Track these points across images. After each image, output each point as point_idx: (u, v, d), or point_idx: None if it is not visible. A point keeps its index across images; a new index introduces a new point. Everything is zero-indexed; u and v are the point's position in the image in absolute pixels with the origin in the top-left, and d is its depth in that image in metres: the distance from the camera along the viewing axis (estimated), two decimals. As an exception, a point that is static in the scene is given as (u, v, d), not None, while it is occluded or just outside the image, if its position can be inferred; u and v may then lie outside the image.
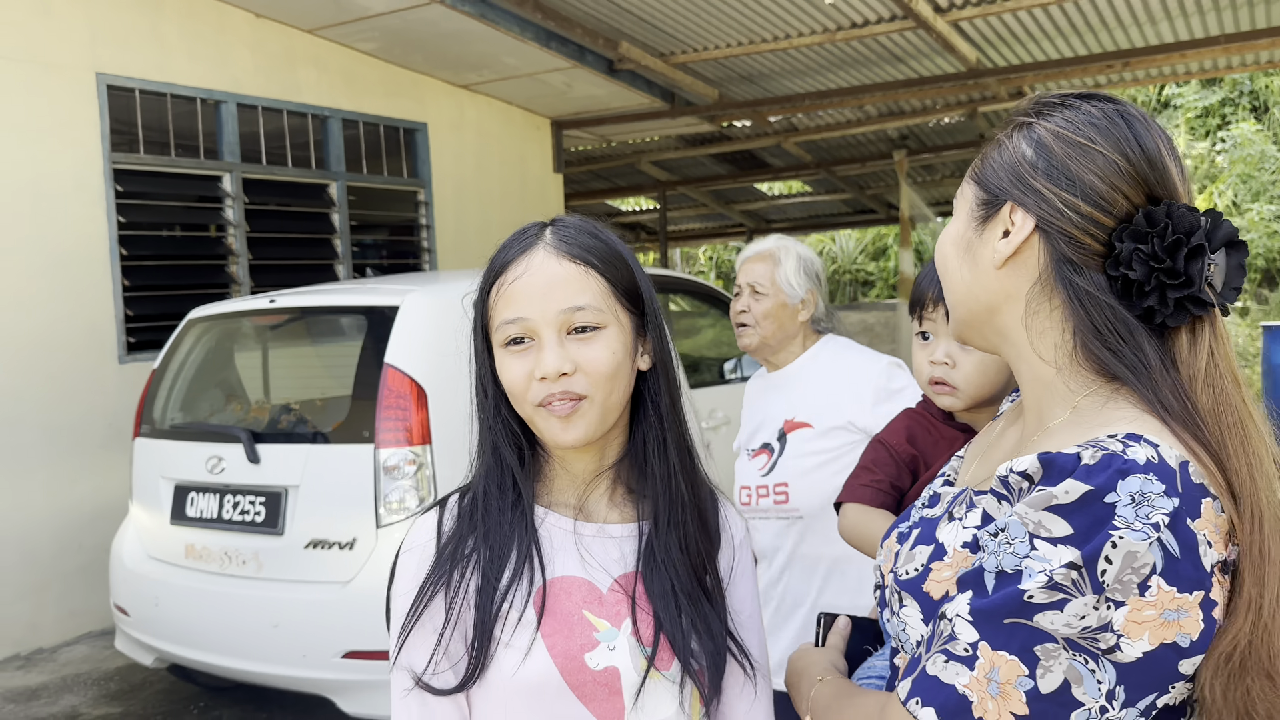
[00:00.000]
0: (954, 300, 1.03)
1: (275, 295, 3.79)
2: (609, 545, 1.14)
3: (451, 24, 6.27)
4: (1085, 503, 0.80)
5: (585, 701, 1.07)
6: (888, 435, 1.72)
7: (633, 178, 12.23)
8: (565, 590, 1.11)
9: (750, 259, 2.37)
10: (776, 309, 2.29)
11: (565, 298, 1.08)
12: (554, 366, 1.06)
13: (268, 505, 3.38)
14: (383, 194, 7.15)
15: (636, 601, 1.11)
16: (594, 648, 1.08)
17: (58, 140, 4.98)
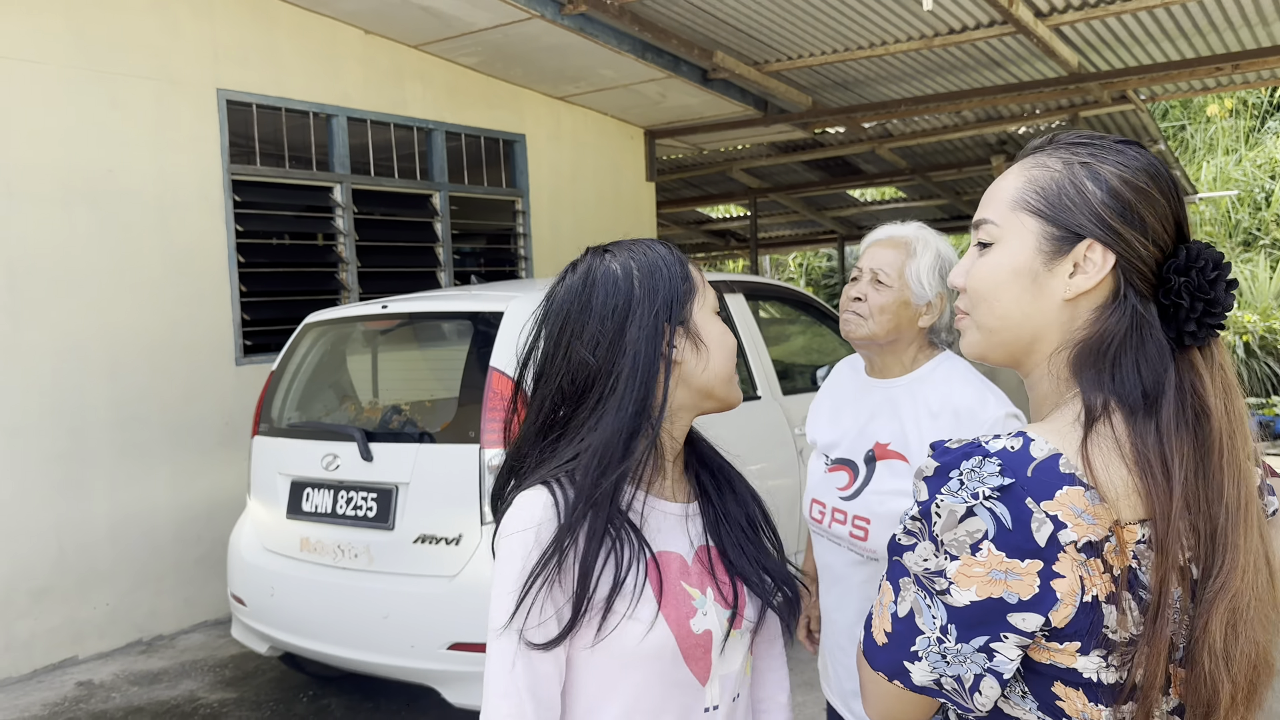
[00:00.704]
0: (1000, 325, 1.09)
1: (388, 301, 3.96)
2: (684, 523, 1.30)
3: (552, 38, 6.43)
4: (935, 475, 0.99)
5: (689, 663, 1.22)
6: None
7: (723, 185, 12.28)
8: (666, 565, 1.24)
9: (880, 242, 2.09)
10: (897, 305, 2.00)
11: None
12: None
13: (379, 501, 3.54)
14: (482, 203, 7.36)
15: (715, 570, 1.28)
16: (694, 615, 1.22)
17: (183, 153, 5.27)
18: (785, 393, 4.66)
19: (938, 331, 2.07)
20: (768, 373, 4.60)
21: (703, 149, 10.28)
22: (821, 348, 5.73)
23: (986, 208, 1.10)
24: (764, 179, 12.05)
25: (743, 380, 4.54)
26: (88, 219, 4.88)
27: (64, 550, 4.76)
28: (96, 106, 4.91)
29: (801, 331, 6.17)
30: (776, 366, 4.81)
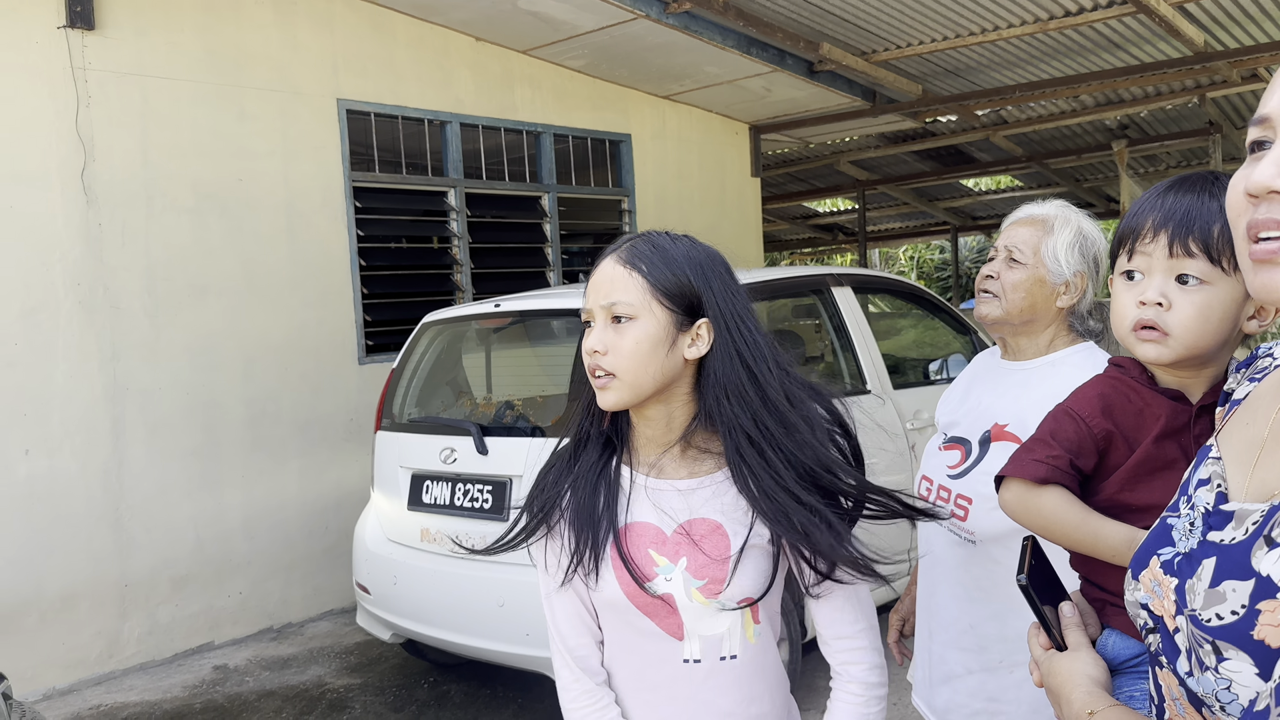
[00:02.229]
0: None
1: (500, 300, 4.08)
2: (675, 497, 1.45)
3: (657, 37, 6.48)
4: None
5: (652, 618, 1.44)
6: (1078, 404, 1.45)
7: (831, 178, 12.14)
8: (638, 532, 1.45)
9: (1017, 222, 2.00)
10: (1031, 283, 1.91)
11: (607, 295, 1.39)
12: (589, 345, 1.40)
13: (494, 493, 3.65)
14: (590, 203, 7.47)
15: (696, 543, 1.42)
16: (653, 579, 1.42)
17: (307, 162, 5.51)
18: (896, 387, 4.60)
19: (1081, 318, 1.96)
20: (877, 367, 4.55)
21: (809, 142, 10.19)
22: (934, 341, 5.63)
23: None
24: (873, 171, 11.87)
25: (851, 375, 4.50)
26: (220, 226, 5.15)
27: (201, 541, 5.04)
28: (226, 119, 5.18)
29: (913, 325, 6.07)
30: (887, 361, 4.75)
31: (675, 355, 1.40)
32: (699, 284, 1.40)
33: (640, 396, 1.40)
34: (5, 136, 4.43)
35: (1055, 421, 1.45)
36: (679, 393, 1.44)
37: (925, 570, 2.08)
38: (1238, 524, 0.82)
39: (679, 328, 1.40)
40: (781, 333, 4.97)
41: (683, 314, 1.40)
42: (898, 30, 6.71)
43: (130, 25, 4.84)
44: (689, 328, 1.40)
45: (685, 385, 1.44)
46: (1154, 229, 1.27)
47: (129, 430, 4.80)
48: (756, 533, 1.41)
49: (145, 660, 4.83)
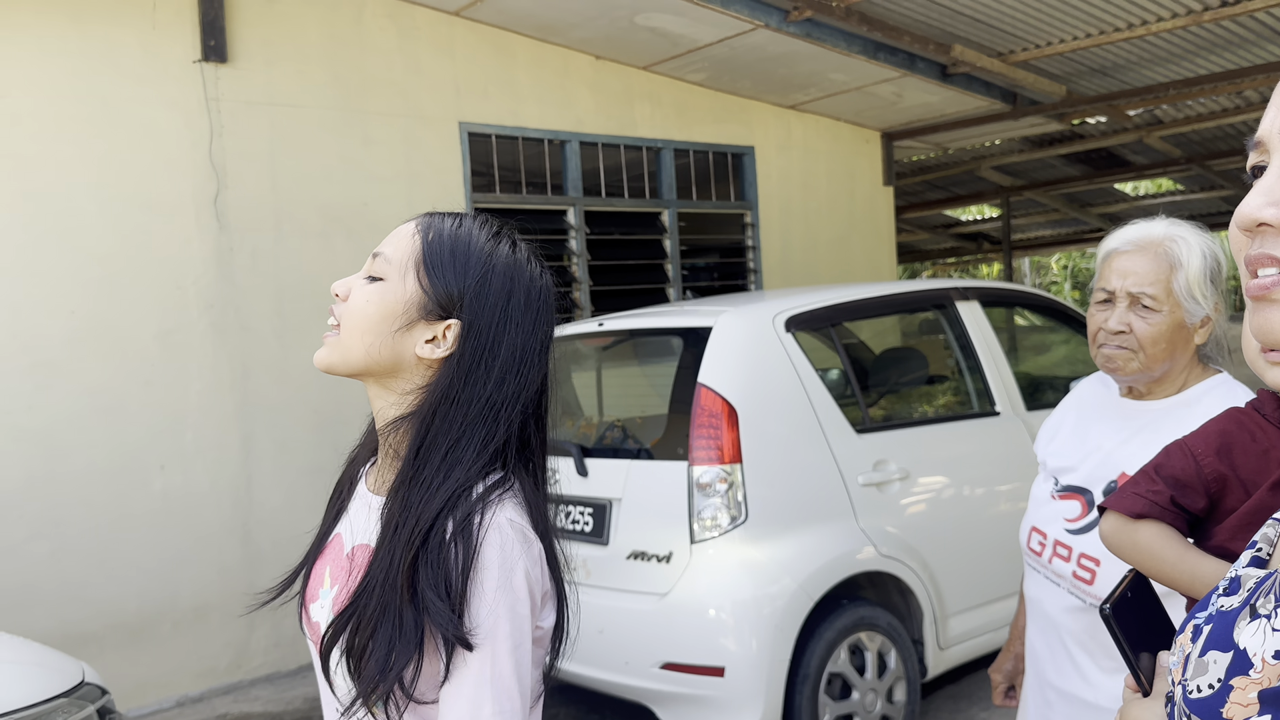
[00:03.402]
0: None
1: (604, 319, 4.02)
2: (361, 510, 1.24)
3: (778, 47, 6.34)
4: None
5: (313, 640, 1.22)
6: (1195, 440, 1.34)
7: (972, 185, 11.66)
8: (332, 545, 1.26)
9: (1129, 251, 1.70)
10: (1170, 330, 1.66)
11: (382, 244, 1.23)
12: (336, 285, 1.22)
13: (594, 516, 3.59)
14: (711, 218, 7.36)
15: (353, 571, 1.18)
16: (315, 600, 1.22)
17: (429, 185, 5.62)
18: (1030, 408, 4.31)
19: (1219, 347, 1.75)
20: (1008, 386, 4.27)
21: (947, 148, 9.80)
22: (1074, 357, 5.28)
23: None
24: (1017, 176, 11.33)
25: (979, 394, 4.24)
26: (345, 249, 5.30)
27: (327, 555, 5.17)
28: (352, 144, 5.33)
29: (1050, 341, 5.71)
30: (1020, 380, 4.46)
31: (404, 342, 1.17)
32: (472, 283, 1.18)
33: (348, 366, 1.19)
34: (145, 167, 4.67)
35: (1166, 455, 1.36)
36: (403, 387, 1.19)
37: (1038, 633, 1.88)
38: (1240, 591, 0.76)
39: (424, 314, 1.18)
40: (903, 350, 4.75)
41: (436, 303, 1.18)
42: (1036, 29, 6.36)
43: (260, 57, 5.04)
44: (435, 321, 1.18)
45: (412, 383, 1.19)
46: None
47: (258, 447, 4.98)
48: None
49: (271, 671, 4.98)
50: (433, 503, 1.10)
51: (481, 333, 1.17)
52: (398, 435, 1.18)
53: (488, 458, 1.15)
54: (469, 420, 1.15)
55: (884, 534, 3.53)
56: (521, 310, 1.21)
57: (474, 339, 1.17)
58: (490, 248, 1.21)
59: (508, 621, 1.08)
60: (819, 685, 3.31)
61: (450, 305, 1.18)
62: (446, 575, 1.06)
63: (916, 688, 3.62)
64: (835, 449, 3.48)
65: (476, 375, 1.16)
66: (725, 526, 3.25)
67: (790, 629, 3.22)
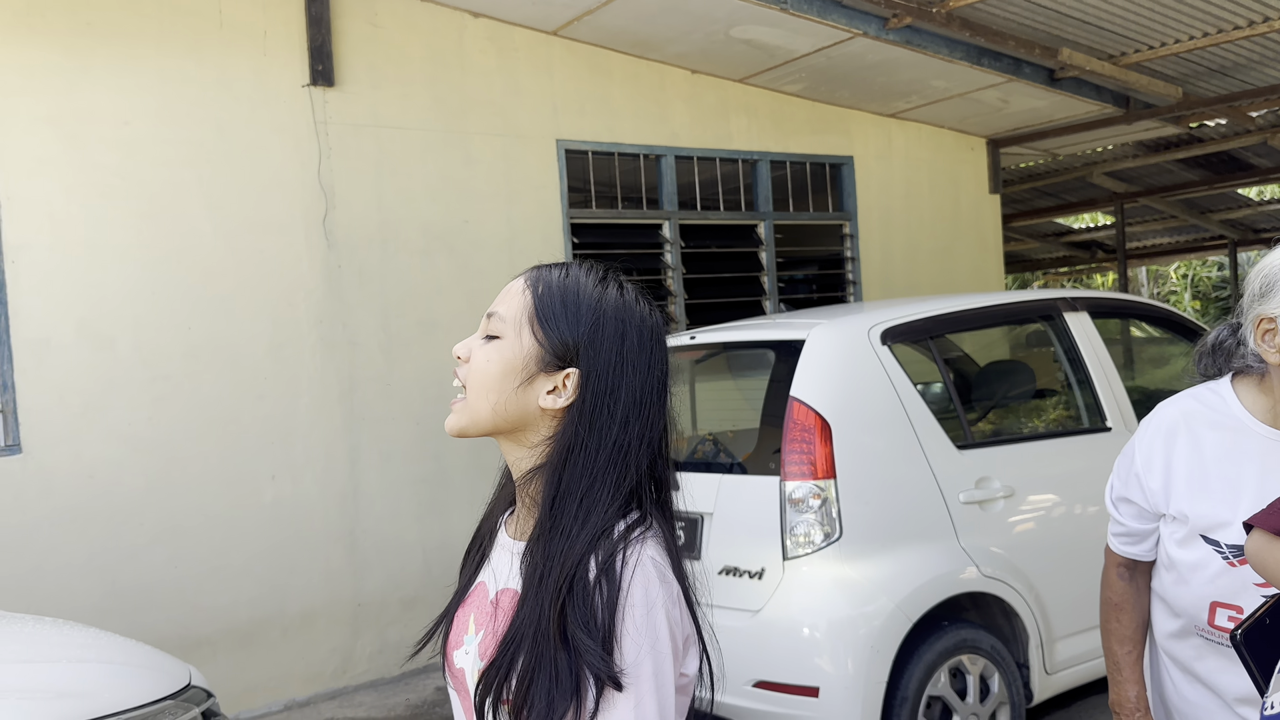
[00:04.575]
0: None
1: (696, 332, 4.01)
2: (503, 557, 1.26)
3: (877, 55, 6.25)
4: None
5: (456, 688, 1.25)
6: None
7: (1084, 192, 11.26)
8: (476, 593, 1.28)
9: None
10: None
11: (496, 303, 1.24)
12: (456, 348, 1.23)
13: (686, 530, 3.57)
14: (809, 229, 7.29)
15: (498, 616, 1.19)
16: (459, 647, 1.24)
17: (527, 202, 5.71)
18: (1141, 422, 4.12)
19: None
20: (1120, 401, 4.10)
21: (1057, 154, 9.50)
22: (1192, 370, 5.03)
23: None
24: (1131, 182, 10.90)
25: (1089, 409, 4.09)
26: (447, 265, 5.42)
27: (429, 564, 5.28)
28: (452, 164, 5.46)
29: (1169, 353, 5.47)
30: (1135, 394, 4.28)
31: (528, 395, 1.20)
32: (586, 331, 1.20)
33: (478, 426, 1.21)
34: (259, 188, 4.87)
35: None
36: (532, 439, 1.22)
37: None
38: None
39: (543, 367, 1.19)
40: (1008, 363, 4.61)
41: (553, 354, 1.19)
42: (1148, 30, 6.11)
43: (366, 80, 5.20)
44: (555, 372, 1.20)
45: (540, 434, 1.21)
46: None
47: (364, 458, 5.12)
48: None
49: (375, 677, 5.11)
50: (575, 548, 1.12)
51: (600, 378, 1.18)
52: (533, 486, 1.19)
53: (622, 499, 1.16)
54: (599, 465, 1.16)
55: (987, 553, 3.42)
56: (636, 351, 1.21)
57: (594, 385, 1.18)
58: (599, 293, 1.22)
59: (651, 661, 1.08)
60: (918, 708, 3.22)
61: (567, 355, 1.19)
62: (594, 615, 1.07)
63: (1021, 713, 3.49)
64: (934, 465, 3.39)
65: (600, 420, 1.17)
66: (819, 543, 3.19)
67: (887, 650, 3.15)
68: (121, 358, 4.52)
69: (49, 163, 4.39)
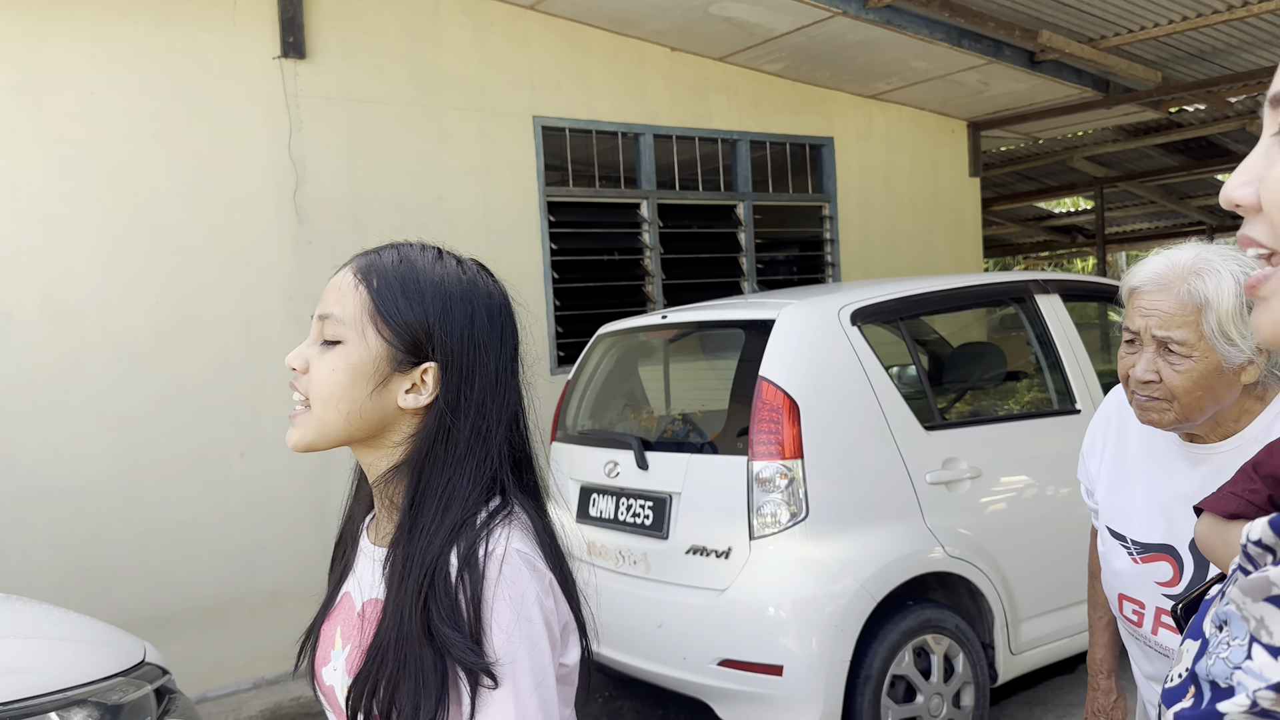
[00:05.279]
0: None
1: (668, 311, 3.99)
2: (366, 565, 1.18)
3: (857, 34, 6.22)
4: None
5: (329, 706, 1.18)
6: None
7: (1064, 176, 11.28)
8: (341, 605, 1.20)
9: (1151, 291, 1.51)
10: (1208, 376, 1.47)
11: (326, 304, 1.13)
12: (290, 359, 1.14)
13: (654, 510, 3.56)
14: (788, 211, 7.26)
15: (364, 628, 1.13)
16: (327, 664, 1.17)
17: (503, 179, 5.66)
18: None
19: (1269, 374, 1.52)
20: (1090, 383, 4.11)
21: (1037, 138, 9.49)
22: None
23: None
24: (1111, 167, 10.92)
25: (1059, 391, 4.09)
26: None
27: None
28: (427, 139, 5.40)
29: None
30: (1104, 377, 4.29)
31: (384, 398, 1.11)
32: (435, 319, 1.11)
33: (328, 440, 1.12)
34: (228, 162, 4.80)
35: (1268, 453, 1.26)
36: (392, 440, 1.14)
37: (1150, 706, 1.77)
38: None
39: (396, 366, 1.11)
40: (980, 345, 4.61)
41: (404, 351, 1.11)
42: (1127, 13, 6.10)
43: (338, 53, 5.13)
44: (410, 369, 1.11)
45: (401, 434, 1.13)
46: None
47: (334, 436, 5.08)
48: None
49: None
50: (435, 543, 1.06)
51: (457, 365, 1.12)
52: (391, 487, 1.13)
53: (484, 486, 1.10)
54: (457, 455, 1.10)
55: (953, 534, 3.43)
56: (487, 329, 1.15)
57: (452, 374, 1.12)
58: (440, 273, 1.14)
59: (527, 656, 1.02)
60: (881, 687, 3.23)
61: (420, 348, 1.11)
62: (458, 608, 1.02)
63: (985, 693, 3.51)
64: (902, 446, 3.39)
65: (460, 409, 1.11)
66: (785, 523, 3.19)
67: (851, 629, 3.15)
68: (88, 333, 4.46)
69: (11, 133, 4.31)
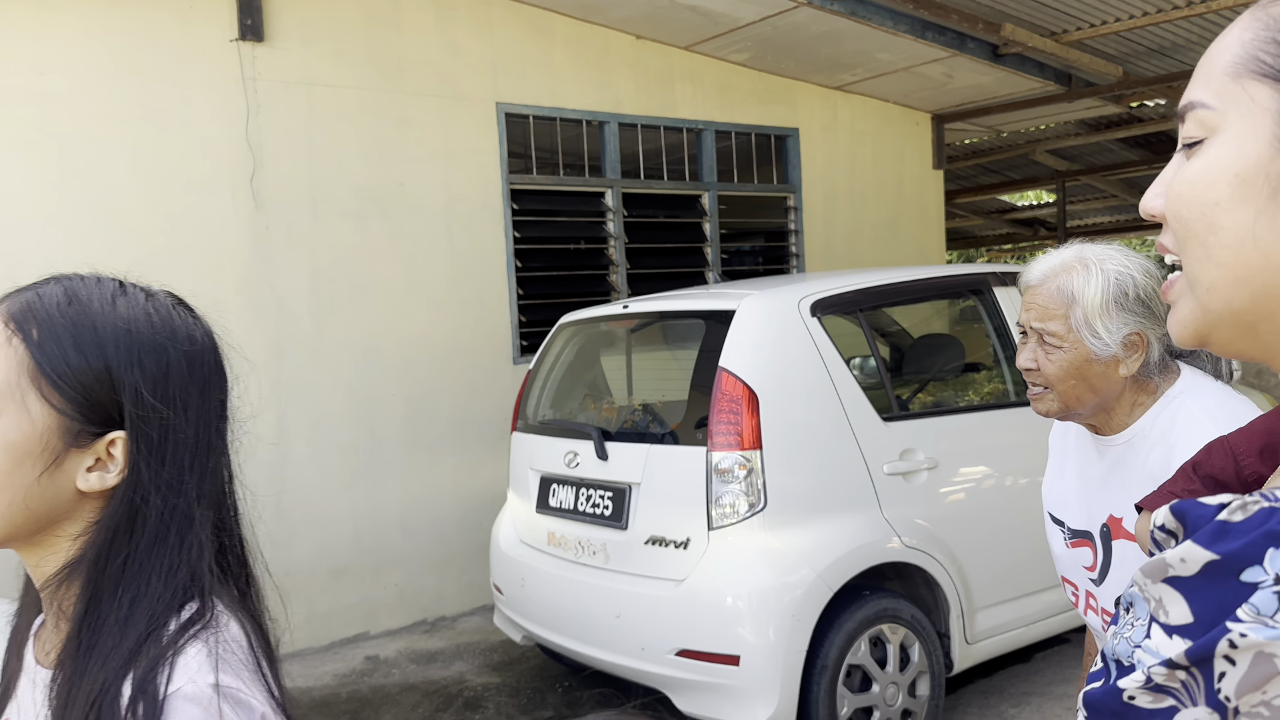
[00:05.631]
0: (1226, 273, 0.63)
1: (629, 301, 3.98)
2: (31, 689, 0.92)
3: (822, 25, 6.22)
4: (1211, 578, 0.55)
5: None
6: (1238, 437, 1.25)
7: (1027, 169, 11.38)
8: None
9: (1034, 285, 1.61)
10: (1079, 366, 1.55)
11: None
12: None
13: (614, 500, 3.55)
14: (753, 201, 7.27)
15: None
16: None
17: (465, 166, 5.61)
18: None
19: (1154, 365, 1.58)
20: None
21: (1000, 131, 9.57)
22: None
23: (1195, 85, 0.66)
24: (1073, 160, 11.03)
25: (1016, 383, 4.12)
26: (381, 229, 5.31)
27: (359, 534, 5.21)
28: (387, 124, 5.34)
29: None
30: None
31: (57, 483, 0.86)
32: (120, 373, 0.87)
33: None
34: (183, 146, 4.72)
35: (1207, 452, 1.26)
36: (68, 533, 0.88)
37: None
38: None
39: (73, 440, 0.86)
40: (939, 337, 4.64)
41: (81, 420, 0.86)
42: (1090, 7, 6.15)
43: (298, 36, 5.05)
44: (91, 441, 0.86)
45: (79, 524, 0.88)
46: None
47: (292, 425, 5.02)
48: None
49: (304, 646, 5.04)
50: (110, 665, 0.82)
51: (148, 432, 0.87)
52: (63, 591, 0.87)
53: (178, 587, 0.87)
54: (146, 547, 0.86)
55: (910, 524, 3.45)
56: (186, 381, 0.91)
57: (143, 443, 0.87)
58: (124, 313, 0.89)
59: None
60: (837, 677, 3.25)
61: (102, 413, 0.86)
62: None
63: (941, 682, 3.54)
64: (860, 437, 3.40)
65: (152, 486, 0.87)
66: (743, 513, 3.19)
67: (808, 619, 3.16)
68: (37, 318, 4.37)
69: (-41, 114, 4.21)
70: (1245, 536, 0.54)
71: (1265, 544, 0.53)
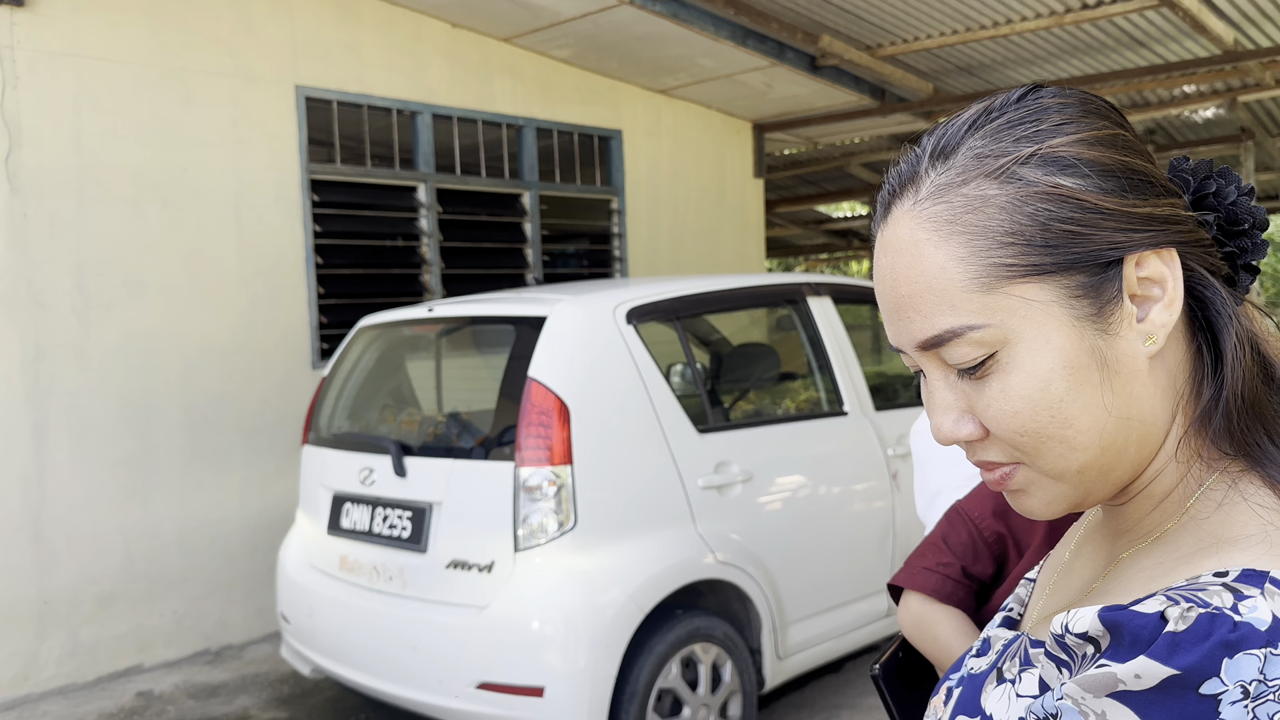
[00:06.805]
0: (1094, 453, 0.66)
1: (434, 304, 3.70)
2: None
3: (643, 26, 6.09)
4: (1169, 693, 0.54)
5: None
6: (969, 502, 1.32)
7: (842, 181, 11.70)
8: None
9: None
10: None
11: None
12: None
13: (413, 521, 3.27)
14: (576, 203, 7.09)
15: None
16: None
17: (259, 152, 5.16)
18: (878, 408, 4.18)
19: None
20: (857, 386, 4.13)
21: (818, 143, 9.76)
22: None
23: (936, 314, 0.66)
24: (886, 175, 11.41)
25: (828, 394, 4.09)
26: (160, 219, 4.81)
27: (131, 556, 4.69)
28: (170, 105, 4.84)
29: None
30: (870, 379, 4.33)
31: None
32: None
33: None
34: (-83, 117, 4.11)
35: (948, 523, 1.32)
36: None
37: None
38: (990, 653, 0.75)
39: None
40: (756, 346, 4.57)
41: None
42: (903, 22, 6.29)
43: (65, 4, 4.50)
44: None
45: None
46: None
47: (52, 435, 4.46)
48: None
49: (65, 683, 4.49)
50: None
51: None
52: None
53: None
54: None
55: (724, 540, 3.33)
56: None
57: None
58: None
59: None
60: (647, 703, 3.08)
61: None
62: None
63: (753, 701, 3.44)
64: (675, 450, 3.25)
65: None
66: (552, 533, 2.98)
67: (617, 644, 2.98)
68: None
69: None
70: (1198, 648, 0.54)
71: (1220, 654, 0.53)
